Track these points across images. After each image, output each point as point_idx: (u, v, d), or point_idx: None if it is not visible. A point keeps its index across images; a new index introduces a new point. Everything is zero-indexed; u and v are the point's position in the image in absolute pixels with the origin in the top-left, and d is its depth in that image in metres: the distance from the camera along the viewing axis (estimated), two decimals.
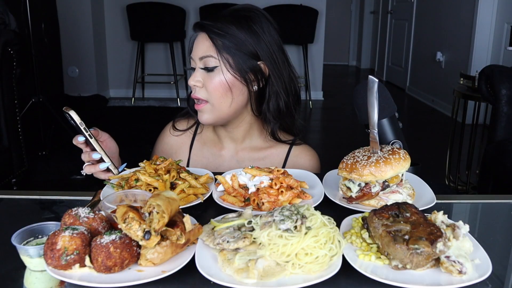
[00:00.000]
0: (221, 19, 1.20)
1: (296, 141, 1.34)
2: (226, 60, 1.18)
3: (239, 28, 1.19)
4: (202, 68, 1.20)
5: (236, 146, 1.34)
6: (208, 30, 1.19)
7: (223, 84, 1.19)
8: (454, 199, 1.09)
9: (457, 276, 0.70)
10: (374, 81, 0.93)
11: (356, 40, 9.42)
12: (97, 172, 1.11)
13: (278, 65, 1.23)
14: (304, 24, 5.33)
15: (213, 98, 1.20)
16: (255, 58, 1.21)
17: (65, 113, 1.06)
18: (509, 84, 2.35)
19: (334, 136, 4.63)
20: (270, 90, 1.24)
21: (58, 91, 4.93)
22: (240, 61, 1.19)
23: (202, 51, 1.19)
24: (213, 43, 1.18)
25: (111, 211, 0.79)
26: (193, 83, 1.20)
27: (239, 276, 0.70)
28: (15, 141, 2.58)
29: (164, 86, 5.71)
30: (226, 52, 1.18)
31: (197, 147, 1.37)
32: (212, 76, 1.19)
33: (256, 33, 1.20)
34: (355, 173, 0.95)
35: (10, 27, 3.13)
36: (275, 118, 1.26)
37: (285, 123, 1.31)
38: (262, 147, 1.33)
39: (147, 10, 5.25)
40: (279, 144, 1.33)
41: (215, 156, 1.35)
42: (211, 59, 1.18)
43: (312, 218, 0.75)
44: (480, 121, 3.09)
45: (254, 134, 1.33)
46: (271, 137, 1.32)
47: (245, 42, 1.19)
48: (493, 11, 4.56)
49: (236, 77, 1.19)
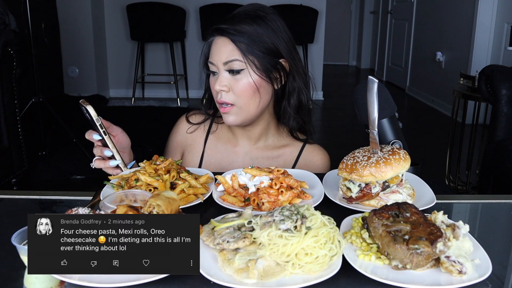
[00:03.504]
0: (239, 21, 1.20)
1: (308, 140, 1.36)
2: (251, 62, 1.18)
3: (259, 28, 1.20)
4: (227, 72, 1.20)
5: (250, 144, 1.35)
6: (229, 33, 1.19)
7: (251, 85, 1.19)
8: (454, 199, 1.09)
9: (457, 276, 0.70)
10: (373, 81, 0.93)
11: (356, 40, 9.42)
12: (106, 168, 1.13)
13: (296, 61, 1.26)
14: (304, 24, 5.33)
15: (241, 101, 1.20)
16: (277, 56, 1.22)
17: (82, 106, 1.06)
18: (509, 84, 2.35)
19: (334, 136, 4.63)
20: (290, 86, 1.27)
21: (58, 91, 4.93)
22: (264, 61, 1.20)
23: (226, 55, 1.19)
24: (237, 46, 1.18)
25: (111, 211, 0.79)
26: (220, 87, 1.19)
27: (239, 276, 0.70)
28: (15, 141, 2.58)
29: (164, 86, 5.71)
30: (250, 53, 1.18)
31: (212, 142, 1.38)
32: (239, 79, 1.19)
33: (275, 31, 1.22)
34: (355, 174, 0.94)
35: (10, 27, 3.13)
36: (296, 113, 1.29)
37: (302, 119, 1.33)
38: (276, 146, 1.35)
39: (147, 10, 5.25)
40: (292, 143, 1.35)
41: (229, 152, 1.36)
42: (236, 63, 1.18)
43: (312, 218, 0.75)
44: (480, 121, 3.09)
45: (270, 132, 1.35)
46: (289, 134, 1.35)
47: (267, 41, 1.20)
48: (493, 11, 4.56)
49: (263, 77, 1.21)
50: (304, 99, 1.28)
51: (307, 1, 5.39)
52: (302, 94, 1.28)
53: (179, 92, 5.45)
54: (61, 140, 3.41)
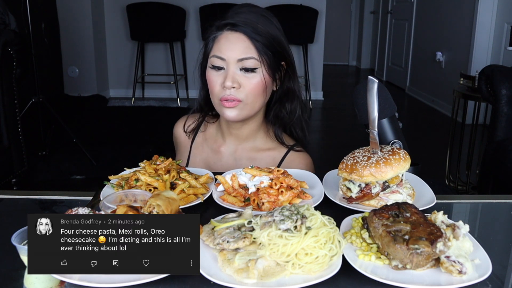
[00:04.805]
0: (252, 19, 1.18)
1: (296, 147, 1.33)
2: (265, 61, 1.18)
3: (270, 28, 1.20)
4: (240, 70, 1.18)
5: (236, 144, 1.34)
6: (246, 30, 1.17)
7: (262, 84, 1.19)
8: (454, 199, 1.09)
9: (457, 276, 0.70)
10: (373, 82, 0.93)
11: (356, 40, 9.42)
12: None
13: (293, 64, 1.27)
14: (304, 24, 5.33)
15: (249, 98, 1.19)
16: (281, 57, 1.23)
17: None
18: (509, 84, 2.35)
19: (334, 136, 4.63)
20: (286, 89, 1.27)
21: (58, 91, 4.94)
22: (273, 61, 1.20)
23: (240, 52, 1.17)
24: (253, 44, 1.17)
25: (111, 211, 0.79)
26: (231, 84, 1.17)
27: (239, 276, 0.70)
28: (15, 141, 2.58)
29: (164, 86, 5.71)
30: (264, 52, 1.18)
31: (199, 142, 1.38)
32: (251, 77, 1.18)
33: (280, 32, 1.22)
34: (355, 174, 0.94)
35: (10, 27, 3.13)
36: (288, 116, 1.29)
37: (294, 123, 1.32)
38: (262, 148, 1.33)
39: (147, 10, 5.25)
40: (278, 147, 1.32)
41: (214, 152, 1.36)
42: (252, 61, 1.17)
43: (312, 218, 0.75)
44: (480, 121, 3.09)
45: (258, 134, 1.33)
46: (275, 137, 1.32)
47: (278, 41, 1.20)
48: (493, 11, 4.56)
49: (271, 77, 1.21)
50: (296, 102, 1.28)
51: (307, 1, 5.38)
52: (296, 96, 1.28)
53: (179, 92, 5.45)
54: (61, 140, 3.41)
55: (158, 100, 5.59)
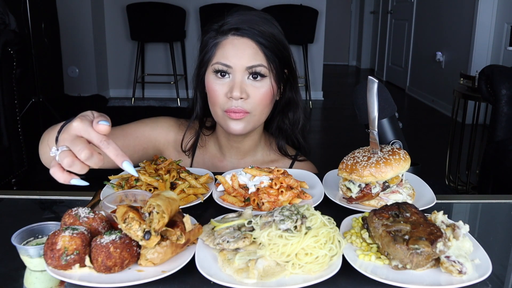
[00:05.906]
0: (257, 23, 1.09)
1: (298, 157, 1.27)
2: (273, 68, 1.09)
3: (278, 34, 1.11)
4: (248, 78, 1.09)
5: (238, 158, 1.26)
6: (253, 35, 1.07)
7: (271, 94, 1.11)
8: (454, 199, 1.09)
9: (457, 276, 0.70)
10: (373, 82, 0.93)
11: (356, 40, 9.43)
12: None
13: (295, 71, 1.19)
14: (304, 24, 5.33)
15: (257, 110, 1.10)
16: (285, 63, 1.15)
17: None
18: (509, 84, 2.35)
19: (334, 136, 4.63)
20: (288, 97, 1.20)
21: (58, 91, 4.94)
22: (279, 69, 1.12)
23: (249, 59, 1.07)
24: (262, 50, 1.08)
25: (111, 211, 0.79)
26: (239, 94, 1.06)
27: (239, 276, 0.70)
28: (15, 141, 2.58)
29: (164, 86, 5.72)
30: (272, 60, 1.09)
31: (199, 156, 1.28)
32: (259, 86, 1.09)
33: (283, 36, 1.13)
34: (355, 174, 0.94)
35: (10, 27, 3.13)
36: (289, 126, 1.22)
37: (294, 134, 1.26)
38: (264, 161, 1.26)
39: (147, 10, 5.25)
40: (281, 159, 1.27)
41: (215, 168, 1.27)
42: (261, 69, 1.08)
43: (312, 218, 0.75)
44: (480, 121, 3.09)
45: (259, 146, 1.26)
46: (277, 149, 1.26)
47: (283, 45, 1.12)
48: (493, 11, 4.56)
49: (278, 86, 1.13)
50: (299, 111, 1.21)
51: (307, 1, 5.39)
52: (297, 105, 1.21)
53: (179, 92, 5.46)
54: None
55: (158, 100, 5.59)
